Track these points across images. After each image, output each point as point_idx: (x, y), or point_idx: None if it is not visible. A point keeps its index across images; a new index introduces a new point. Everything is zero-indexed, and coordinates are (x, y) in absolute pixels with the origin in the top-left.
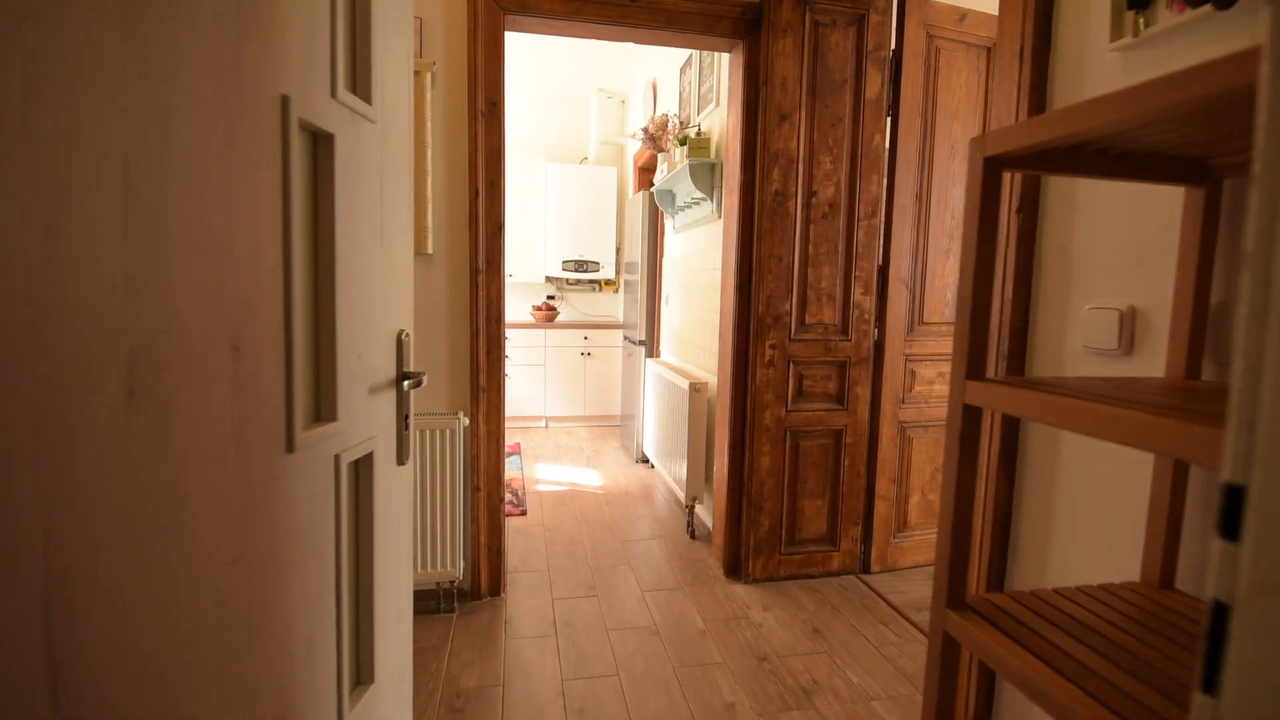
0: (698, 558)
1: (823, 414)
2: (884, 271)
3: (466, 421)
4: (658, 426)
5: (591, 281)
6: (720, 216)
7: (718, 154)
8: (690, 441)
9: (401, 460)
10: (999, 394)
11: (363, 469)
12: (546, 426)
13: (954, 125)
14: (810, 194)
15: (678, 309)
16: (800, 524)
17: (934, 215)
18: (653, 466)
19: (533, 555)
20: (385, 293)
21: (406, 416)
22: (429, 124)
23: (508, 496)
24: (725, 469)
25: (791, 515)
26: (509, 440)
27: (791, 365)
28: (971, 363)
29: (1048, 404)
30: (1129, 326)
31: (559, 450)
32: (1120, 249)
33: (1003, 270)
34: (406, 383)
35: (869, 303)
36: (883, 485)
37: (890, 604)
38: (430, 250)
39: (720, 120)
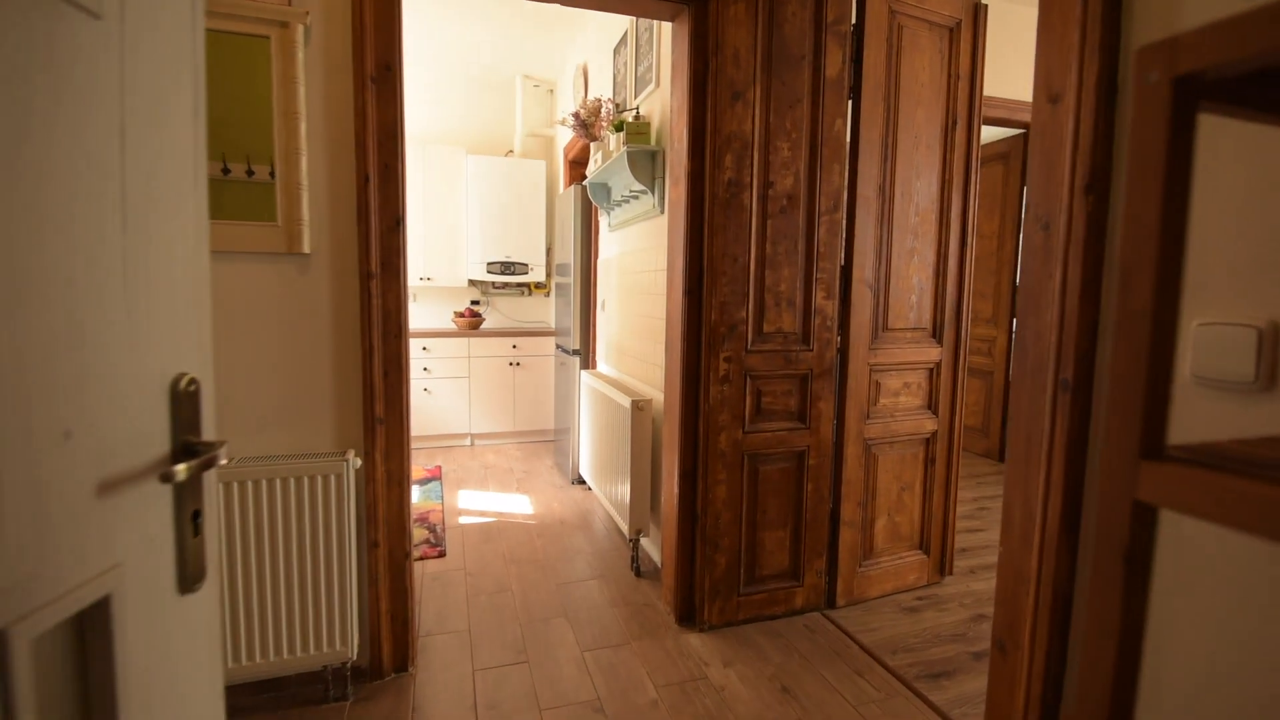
0: (645, 601)
1: (784, 434)
2: (846, 272)
3: (359, 462)
4: (595, 447)
5: (520, 285)
6: (664, 211)
7: (659, 140)
8: (633, 467)
9: (189, 583)
10: (1216, 488)
11: (91, 628)
12: (472, 444)
13: (917, 111)
14: (767, 184)
15: (615, 315)
16: (760, 559)
17: (898, 210)
18: (590, 489)
19: (451, 611)
20: (138, 312)
21: (197, 513)
22: (301, 90)
23: (423, 535)
24: (675, 500)
25: (751, 550)
26: (429, 462)
27: (749, 380)
28: (1148, 428)
29: None
30: (1272, 350)
31: (486, 472)
32: (1258, 240)
33: (1062, 271)
34: (191, 461)
35: (831, 308)
36: (848, 510)
37: (863, 646)
38: (306, 249)
39: (662, 103)
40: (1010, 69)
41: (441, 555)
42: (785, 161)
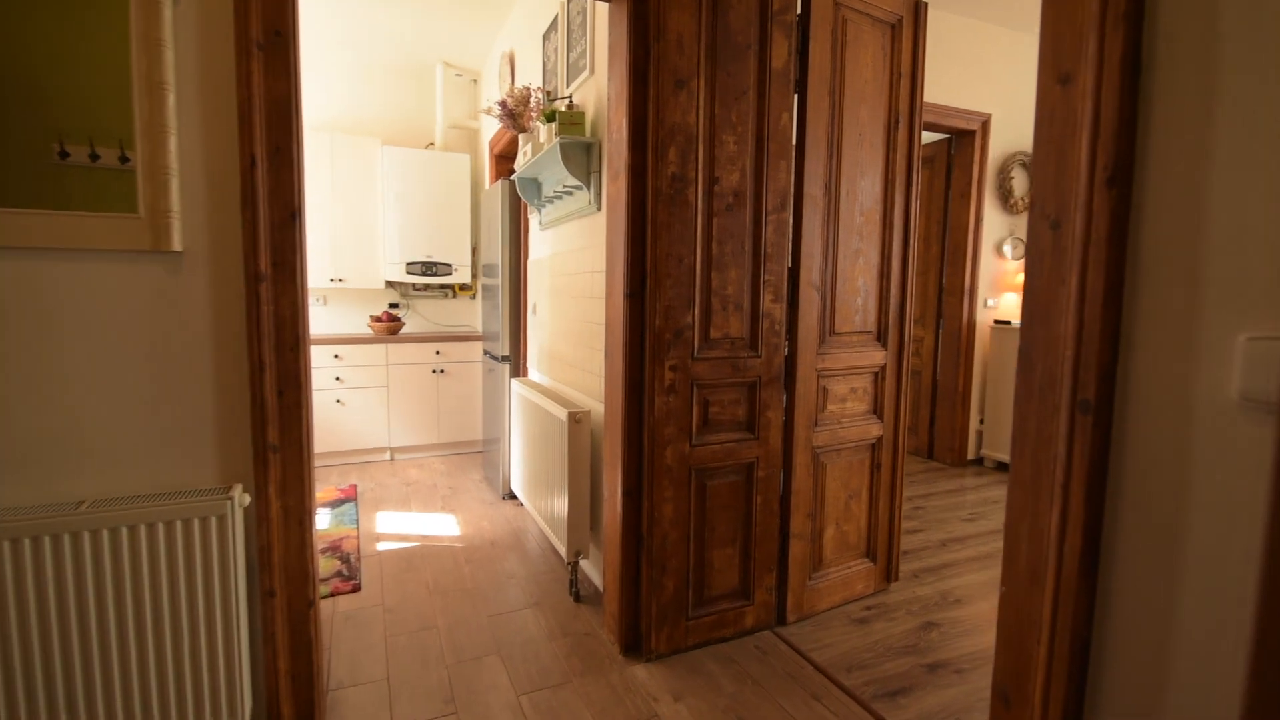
0: (586, 630)
1: (732, 446)
2: (794, 274)
3: (248, 499)
4: (528, 462)
5: (443, 287)
6: (601, 208)
7: (595, 132)
8: (571, 485)
9: None
10: None
11: None
12: (392, 459)
13: (861, 108)
14: (712, 180)
15: (548, 320)
16: (709, 579)
17: (843, 210)
18: (523, 504)
19: (367, 656)
20: None
21: None
22: (169, 54)
23: (334, 566)
24: (618, 521)
25: (700, 570)
26: (343, 481)
27: (696, 390)
28: None
29: None
30: None
31: (407, 490)
32: None
33: (1080, 275)
34: None
35: (780, 311)
36: (798, 522)
37: (817, 666)
38: (177, 245)
39: (597, 92)
40: (937, 74)
41: (356, 589)
42: (731, 156)
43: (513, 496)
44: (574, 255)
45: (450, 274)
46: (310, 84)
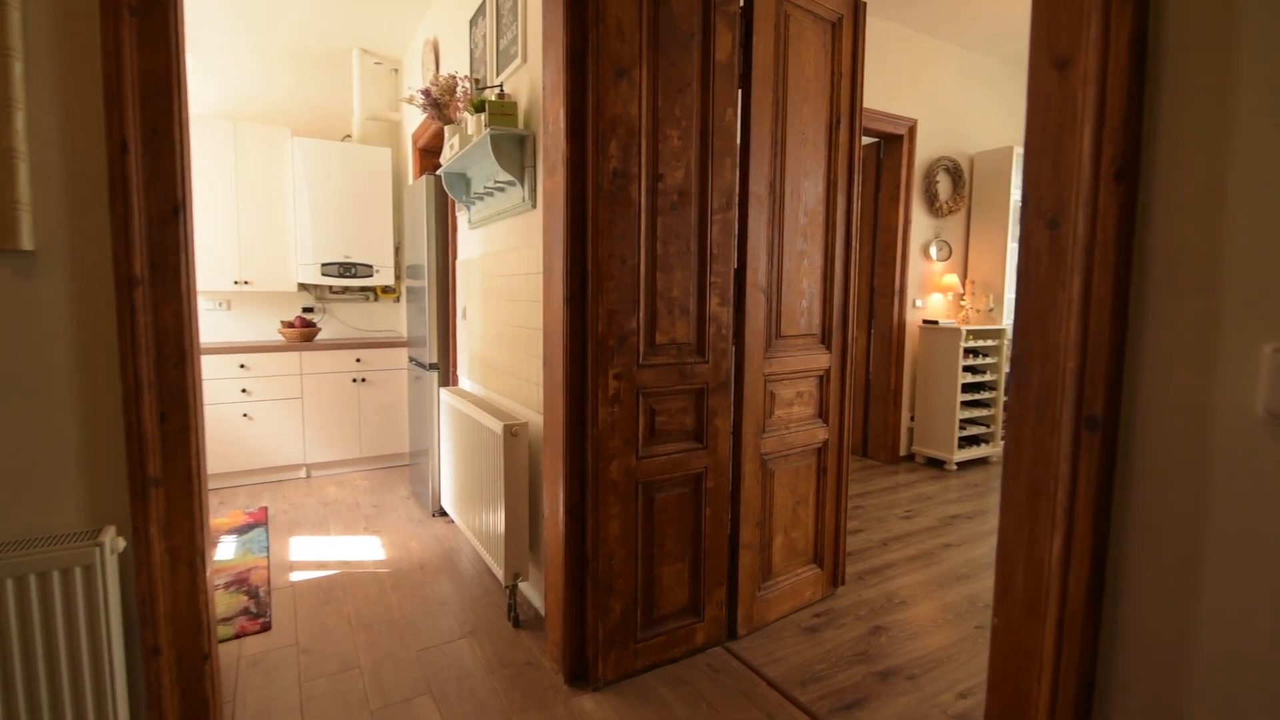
0: (527, 659)
1: (680, 456)
2: (740, 276)
3: (123, 543)
4: (460, 477)
5: (363, 289)
6: (536, 205)
7: (528, 123)
8: (508, 502)
9: None
10: None
11: None
12: (308, 477)
13: (804, 107)
14: (656, 176)
15: (479, 324)
16: (658, 598)
17: (788, 210)
18: (455, 522)
19: (279, 707)
20: None
21: None
22: (15, 15)
23: (240, 603)
24: (561, 541)
25: (648, 589)
26: (251, 504)
27: (641, 399)
28: None
29: None
30: None
31: (326, 511)
32: None
33: (1084, 278)
34: None
35: (726, 315)
36: (747, 532)
37: (770, 682)
38: (27, 244)
39: (530, 81)
40: (867, 78)
41: (265, 628)
42: (676, 152)
43: (444, 513)
44: (507, 255)
45: (371, 275)
46: (210, 67)
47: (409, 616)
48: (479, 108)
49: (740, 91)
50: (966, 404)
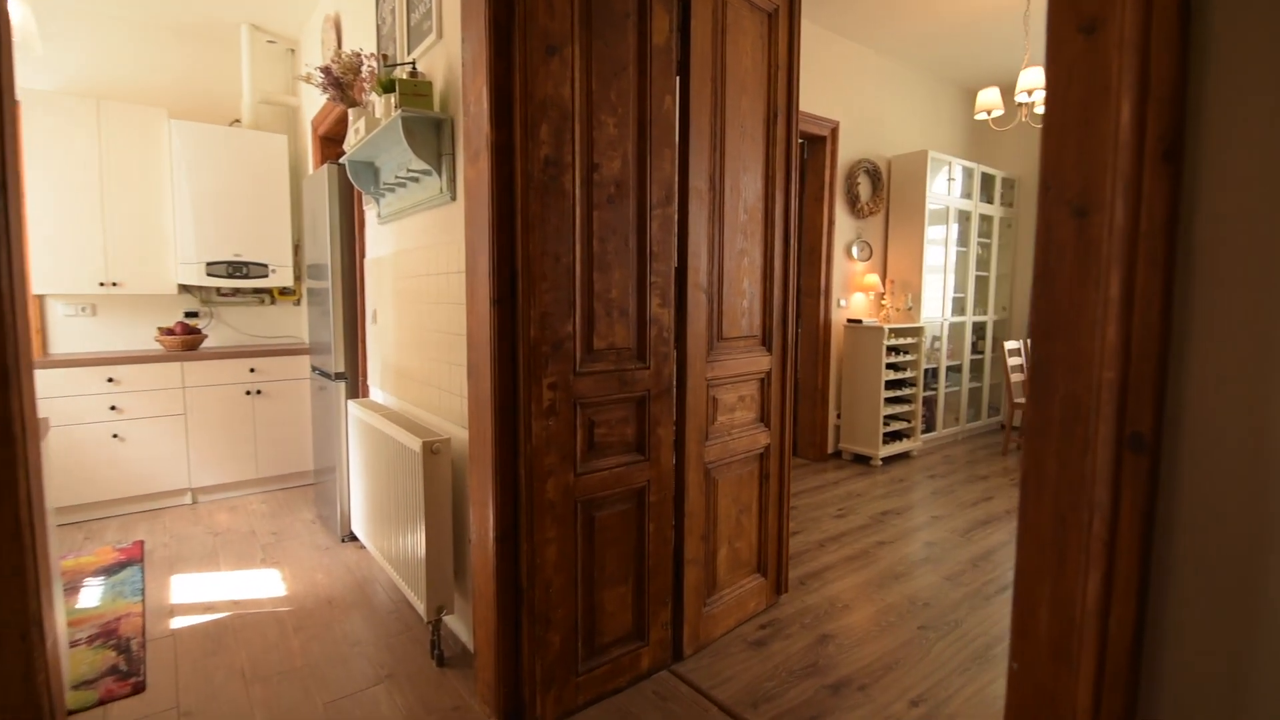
0: (455, 702)
1: (622, 470)
2: (681, 276)
3: None
4: (374, 499)
5: (258, 291)
6: (457, 197)
7: (445, 107)
8: (429, 527)
9: None
10: None
11: None
12: (194, 503)
13: (743, 99)
14: (592, 167)
15: (392, 330)
16: (601, 625)
17: (728, 206)
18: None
19: None
20: None
21: None
22: None
23: (106, 660)
24: (492, 571)
25: (589, 616)
26: (124, 538)
27: (579, 410)
28: None
29: None
30: None
31: (215, 541)
32: None
33: (1123, 274)
34: None
35: (668, 317)
36: (692, 547)
37: (722, 706)
38: None
39: (447, 60)
40: None
41: (138, 689)
42: (612, 140)
43: (355, 538)
44: (424, 253)
45: (266, 276)
46: (68, 37)
47: (315, 663)
48: (388, 88)
49: (678, 79)
50: (890, 400)
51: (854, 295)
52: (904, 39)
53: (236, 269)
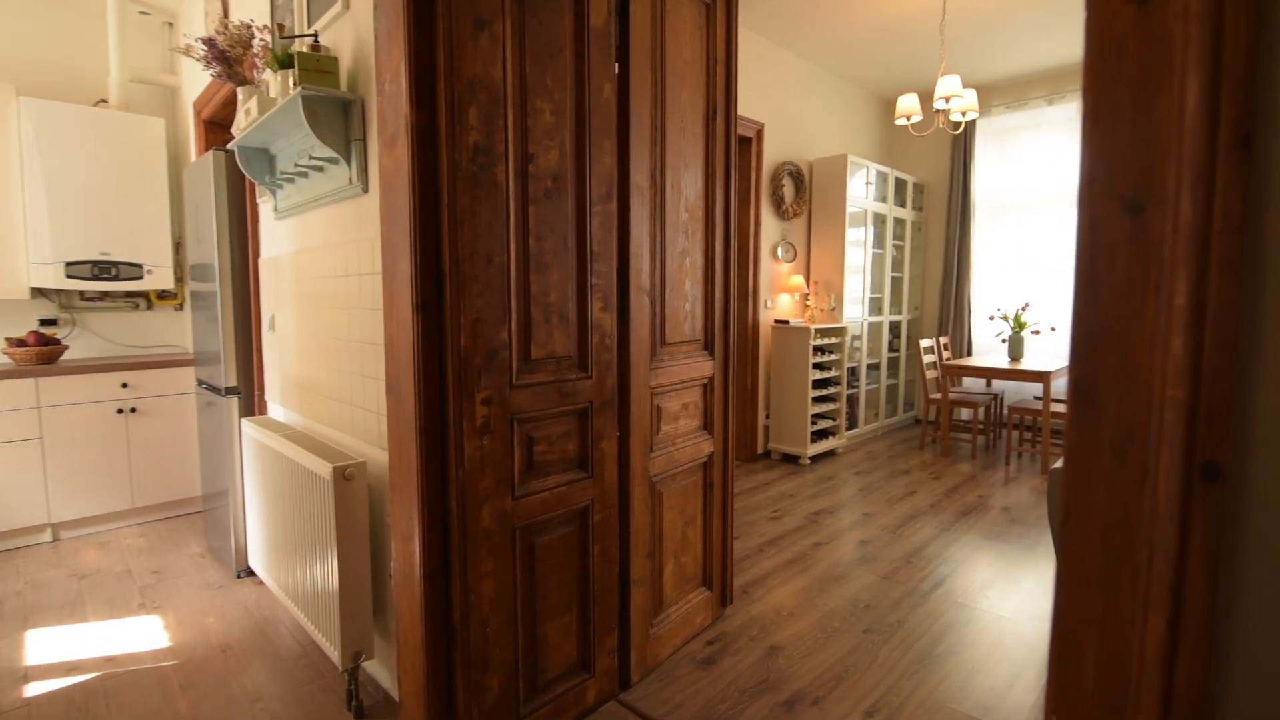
0: None
1: (564, 490)
2: (623, 277)
3: None
4: (275, 532)
5: (130, 295)
6: (369, 188)
7: (354, 87)
8: (342, 563)
9: None
10: None
11: None
12: (55, 540)
13: (683, 92)
14: (527, 157)
15: (294, 338)
16: (543, 660)
17: (669, 204)
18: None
19: None
20: None
21: None
22: None
23: None
24: (420, 612)
25: (531, 653)
26: None
27: (516, 426)
28: None
29: None
30: None
31: (81, 586)
32: None
33: (1191, 279)
34: None
35: (610, 322)
36: (638, 566)
37: None
38: None
39: (356, 33)
40: None
41: None
42: (548, 129)
43: (253, 572)
44: (331, 251)
45: (141, 278)
46: None
47: None
48: (285, 63)
49: (618, 66)
50: (817, 400)
51: (780, 296)
52: (824, 44)
53: (104, 270)
